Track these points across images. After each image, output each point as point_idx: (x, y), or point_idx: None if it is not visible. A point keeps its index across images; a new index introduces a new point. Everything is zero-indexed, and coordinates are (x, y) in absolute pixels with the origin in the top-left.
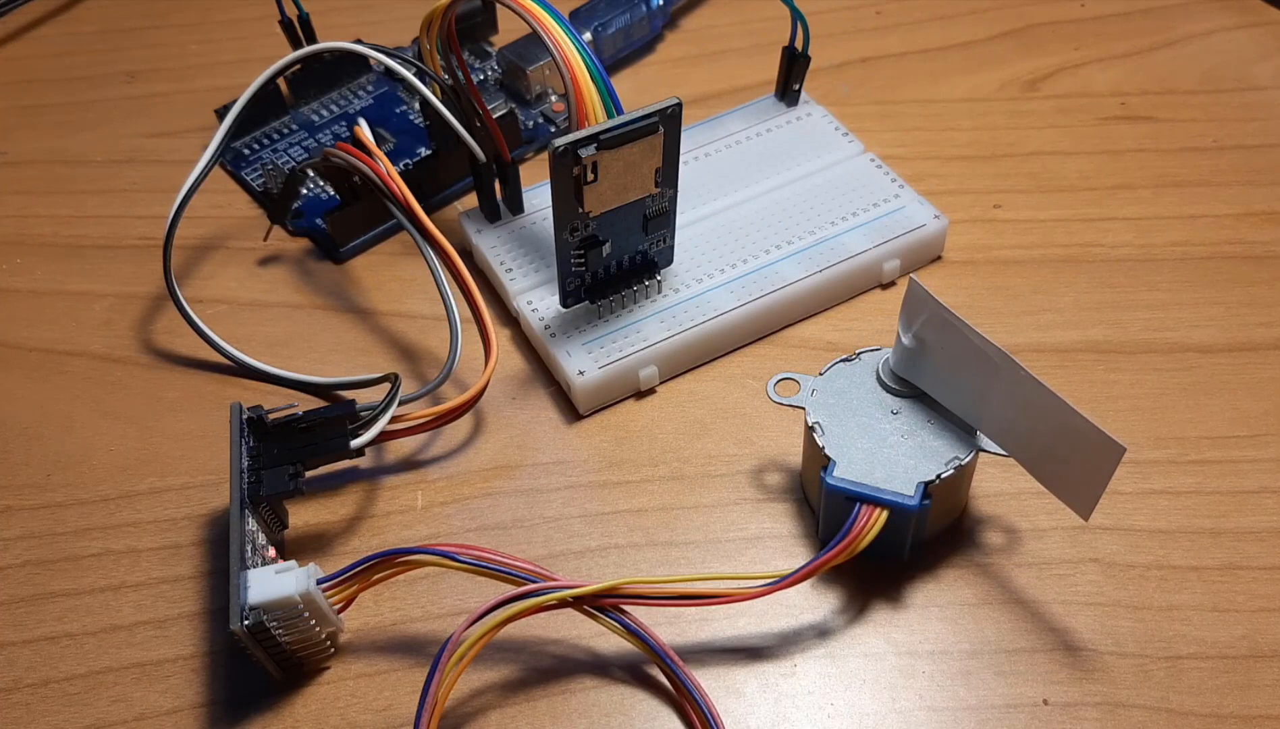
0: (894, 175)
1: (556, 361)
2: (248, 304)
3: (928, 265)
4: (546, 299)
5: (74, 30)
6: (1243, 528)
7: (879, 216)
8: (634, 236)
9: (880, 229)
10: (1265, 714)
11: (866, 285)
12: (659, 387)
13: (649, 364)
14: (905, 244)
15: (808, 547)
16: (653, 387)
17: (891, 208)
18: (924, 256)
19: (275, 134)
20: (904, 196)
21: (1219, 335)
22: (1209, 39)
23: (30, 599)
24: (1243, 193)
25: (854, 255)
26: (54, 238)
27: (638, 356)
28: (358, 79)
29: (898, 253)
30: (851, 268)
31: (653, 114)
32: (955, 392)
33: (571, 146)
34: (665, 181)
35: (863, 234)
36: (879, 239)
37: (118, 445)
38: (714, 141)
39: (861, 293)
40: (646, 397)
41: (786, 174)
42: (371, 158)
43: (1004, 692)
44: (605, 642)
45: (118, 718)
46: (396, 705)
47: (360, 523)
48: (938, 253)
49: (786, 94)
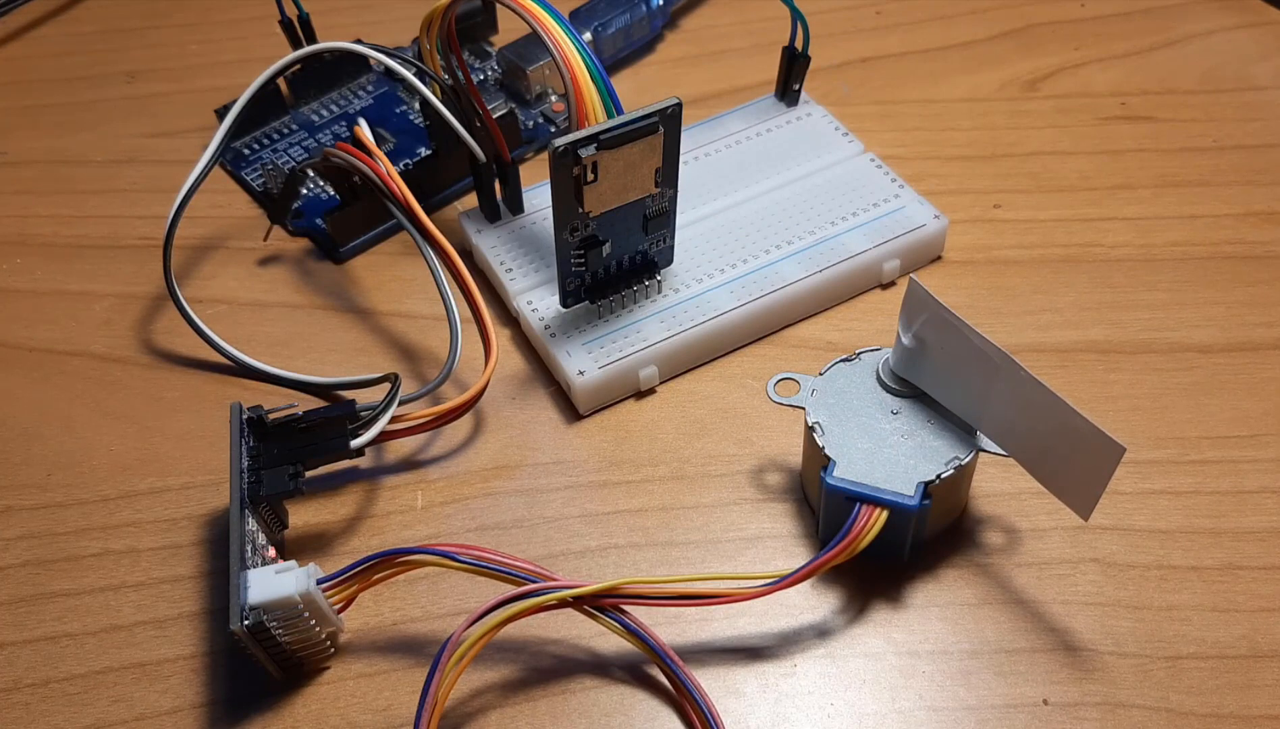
0: (894, 175)
1: (556, 361)
2: (248, 304)
3: (928, 265)
4: (546, 299)
5: (74, 30)
6: (1243, 528)
7: (879, 217)
8: (634, 236)
9: (880, 229)
10: (1265, 714)
11: (866, 285)
12: (659, 386)
13: (649, 364)
14: (905, 244)
15: (808, 547)
16: (653, 387)
17: (891, 208)
18: (924, 256)
19: (275, 134)
20: (904, 196)
21: (1219, 335)
22: (1209, 39)
23: (30, 599)
24: (1243, 193)
25: (854, 255)
26: (54, 238)
27: (638, 356)
28: (358, 79)
29: (898, 253)
30: (851, 268)
31: (653, 114)
32: (955, 392)
33: (571, 146)
34: (665, 181)
35: (863, 234)
36: (879, 239)
37: (118, 445)
38: (714, 141)
39: (861, 293)
40: (646, 397)
41: (786, 174)
42: (371, 158)
43: (1004, 692)
44: (605, 642)
45: (118, 718)
46: (396, 705)
47: (360, 523)
48: (938, 253)
49: (786, 94)
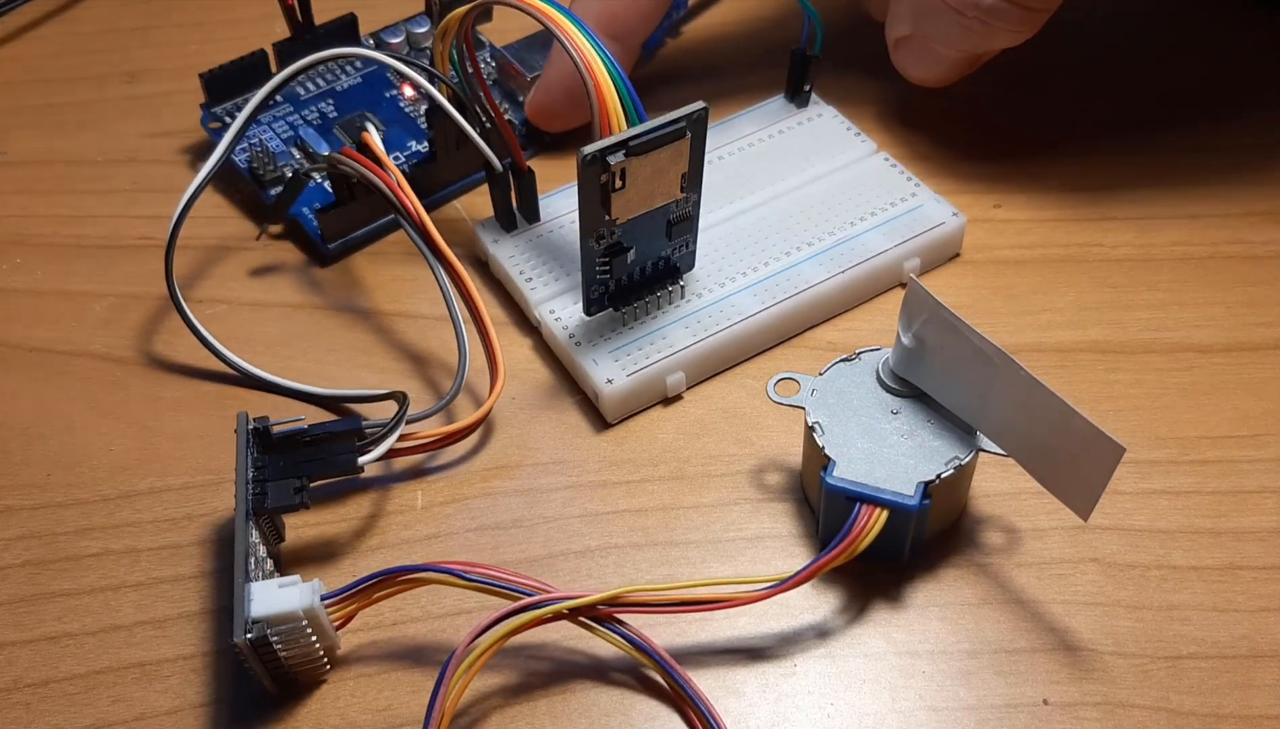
0: (909, 174)
1: (583, 370)
2: (248, 304)
3: (945, 264)
4: (569, 308)
5: (74, 30)
6: (1243, 528)
7: (897, 215)
8: (657, 242)
9: (900, 228)
10: (1265, 714)
11: (888, 285)
12: (685, 393)
13: (676, 370)
14: (925, 243)
15: (808, 547)
16: (680, 393)
17: (909, 207)
18: (943, 254)
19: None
20: (921, 195)
21: (1219, 335)
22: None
23: (30, 599)
24: (1243, 193)
25: (875, 255)
26: (54, 238)
27: (665, 363)
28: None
29: (918, 251)
30: (873, 268)
31: (679, 119)
32: (955, 391)
33: (600, 154)
34: (690, 186)
35: (882, 233)
36: (899, 238)
37: (118, 445)
38: (726, 145)
39: (883, 293)
40: (674, 403)
41: (801, 176)
42: (383, 169)
43: (1004, 692)
44: (605, 644)
45: (118, 718)
46: (396, 706)
47: (359, 523)
48: (956, 251)
49: (796, 95)
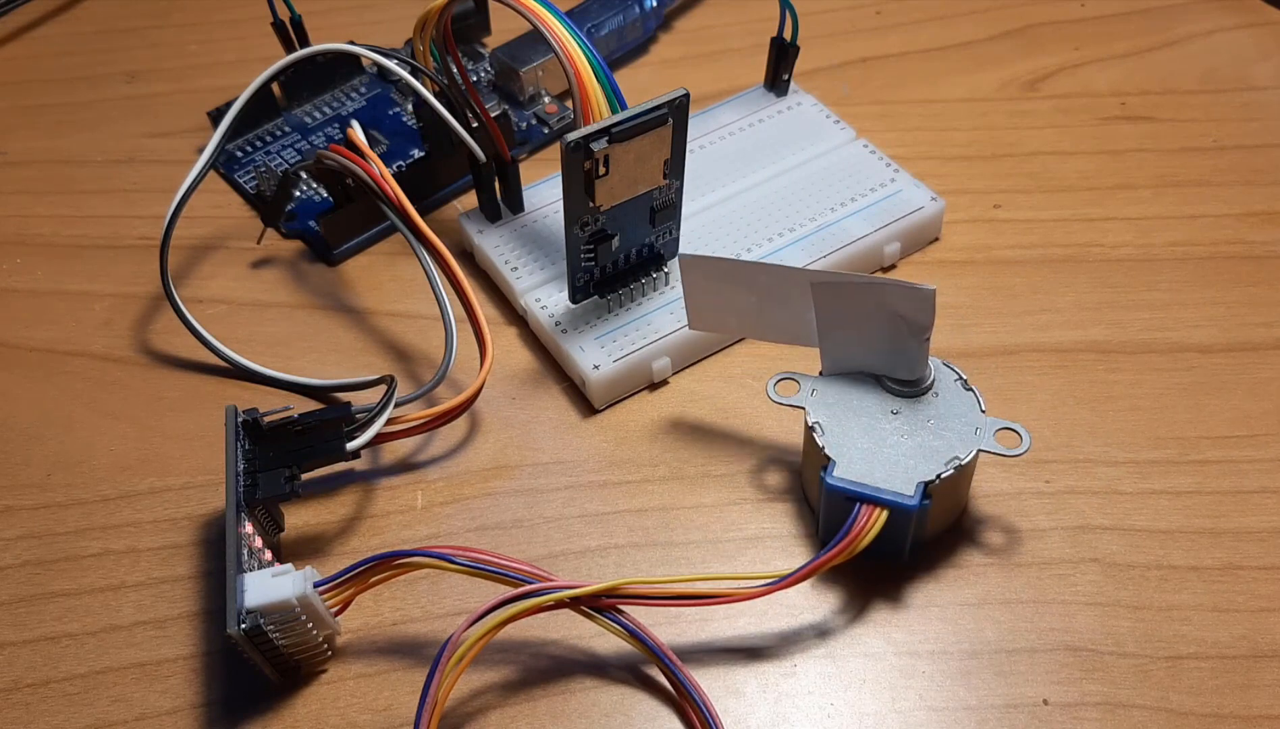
0: (888, 160)
1: (569, 357)
2: (246, 304)
3: (926, 247)
4: (554, 296)
5: (74, 30)
6: (1243, 528)
7: (877, 201)
8: (641, 229)
9: (879, 213)
10: (1265, 714)
11: (869, 269)
12: (671, 378)
13: (662, 356)
14: (905, 227)
15: (808, 547)
16: (665, 378)
17: (889, 192)
18: (923, 238)
19: (268, 136)
20: (900, 180)
21: (1219, 335)
22: (1209, 39)
23: (30, 599)
24: (1243, 193)
25: (856, 240)
26: (54, 238)
27: (650, 349)
28: (350, 81)
29: (898, 236)
30: (854, 252)
31: (661, 105)
32: (778, 323)
33: (583, 141)
34: (673, 173)
35: (863, 219)
36: (879, 223)
37: (118, 445)
38: (707, 133)
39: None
40: (659, 389)
41: (782, 163)
42: (364, 159)
43: (1004, 692)
44: (605, 642)
45: (118, 718)
46: (396, 705)
47: (360, 523)
48: (935, 234)
49: (776, 84)
